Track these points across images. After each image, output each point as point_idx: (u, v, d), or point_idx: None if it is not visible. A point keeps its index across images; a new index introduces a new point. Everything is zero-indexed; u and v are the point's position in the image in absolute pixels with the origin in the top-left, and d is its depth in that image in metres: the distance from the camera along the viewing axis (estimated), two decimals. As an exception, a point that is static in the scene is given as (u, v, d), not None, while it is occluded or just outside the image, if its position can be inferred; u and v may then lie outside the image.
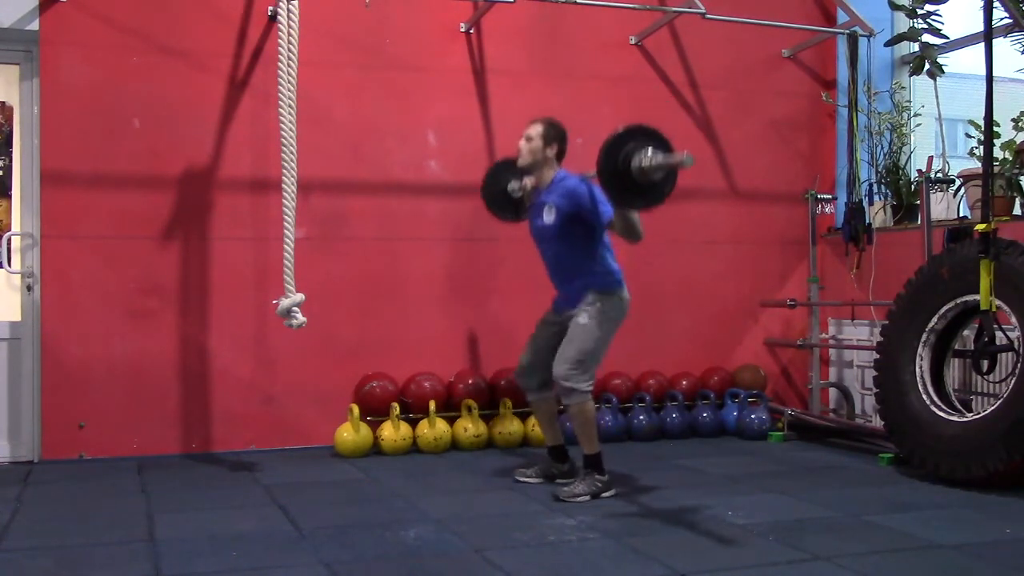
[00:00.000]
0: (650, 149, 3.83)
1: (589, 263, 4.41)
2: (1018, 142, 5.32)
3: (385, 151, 5.76)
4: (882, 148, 6.22)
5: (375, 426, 5.48)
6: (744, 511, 4.06)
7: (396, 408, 5.44)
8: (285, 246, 4.75)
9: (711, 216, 6.42)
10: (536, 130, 4.50)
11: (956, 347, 4.97)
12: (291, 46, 4.73)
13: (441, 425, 5.51)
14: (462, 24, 5.90)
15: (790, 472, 4.99)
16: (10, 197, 5.35)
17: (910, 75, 6.24)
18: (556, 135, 4.51)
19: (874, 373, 5.22)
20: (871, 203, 6.18)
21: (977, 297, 4.59)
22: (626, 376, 6.05)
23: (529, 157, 4.52)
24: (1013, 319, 4.55)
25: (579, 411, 4.33)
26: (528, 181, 4.66)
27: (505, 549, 3.51)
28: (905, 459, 4.91)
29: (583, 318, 4.35)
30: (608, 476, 4.39)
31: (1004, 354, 4.72)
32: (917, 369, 4.92)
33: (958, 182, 5.66)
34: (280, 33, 4.75)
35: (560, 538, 3.67)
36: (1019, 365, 4.43)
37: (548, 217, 4.44)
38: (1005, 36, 5.36)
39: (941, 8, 5.99)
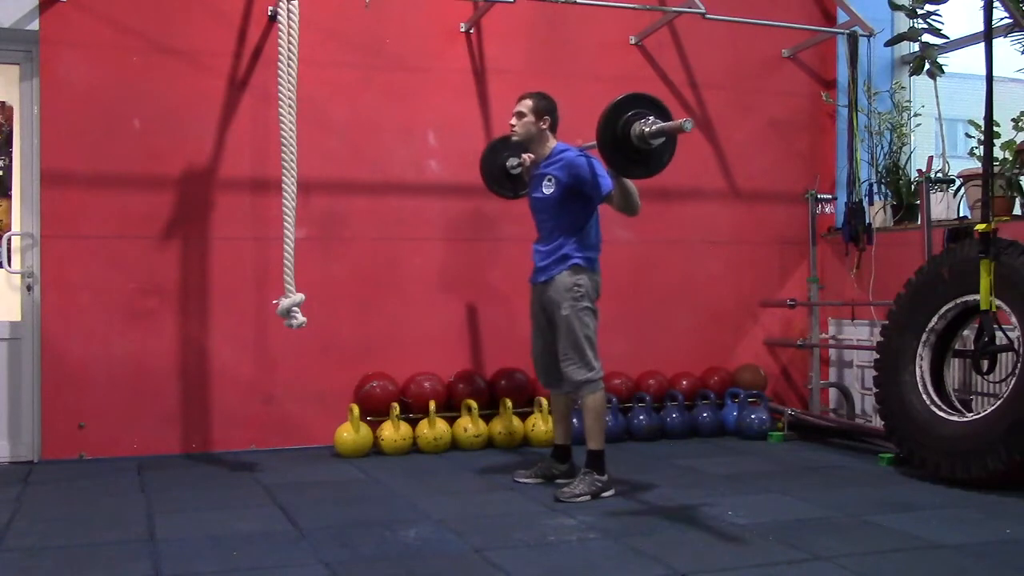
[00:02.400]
0: (650, 116, 3.85)
1: (575, 238, 4.43)
2: (1018, 142, 5.31)
3: (385, 151, 5.76)
4: (882, 148, 6.22)
5: (375, 426, 5.48)
6: (744, 511, 4.06)
7: (396, 408, 5.44)
8: (285, 246, 4.74)
9: (711, 216, 6.42)
10: (526, 104, 4.53)
11: (956, 347, 4.97)
12: (291, 46, 4.73)
13: (441, 425, 5.51)
14: (462, 24, 5.90)
15: (790, 472, 4.99)
16: (10, 197, 5.35)
17: (910, 75, 6.24)
18: (547, 107, 4.54)
19: (874, 373, 5.22)
20: (871, 203, 6.17)
21: (977, 297, 4.59)
22: (626, 376, 6.05)
23: (523, 132, 4.55)
24: (1013, 319, 4.54)
25: (591, 401, 4.36)
26: (527, 157, 4.68)
27: (505, 549, 3.51)
28: (905, 459, 4.91)
29: (564, 308, 4.37)
30: (608, 476, 4.39)
31: (1004, 354, 4.72)
32: (917, 369, 4.92)
33: (958, 182, 5.66)
34: (280, 33, 4.75)
35: (560, 538, 3.67)
36: (1019, 365, 4.43)
37: (547, 188, 4.47)
38: (1005, 36, 5.36)
39: (941, 8, 5.99)
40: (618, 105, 3.95)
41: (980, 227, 4.56)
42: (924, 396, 4.86)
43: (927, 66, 6.02)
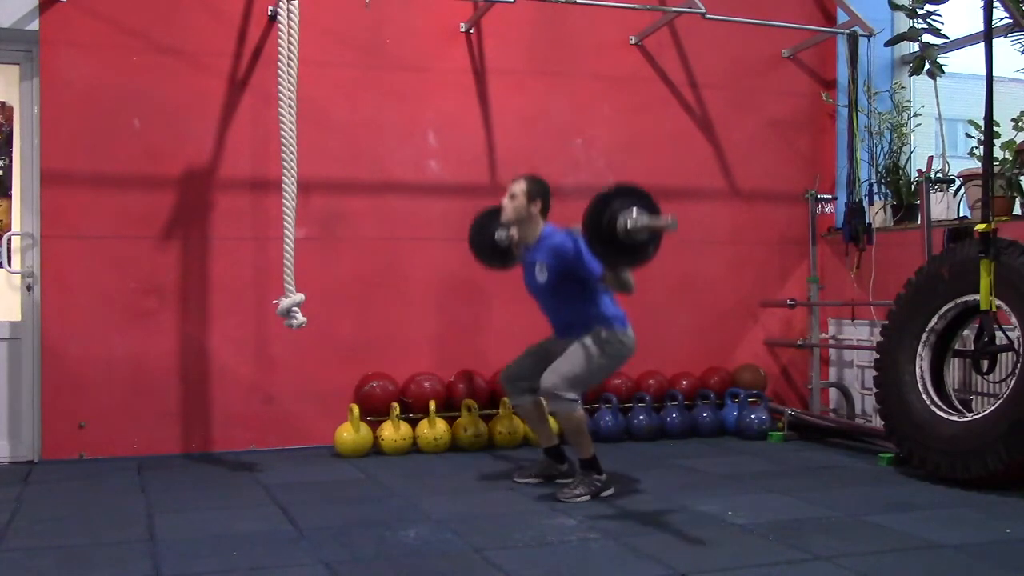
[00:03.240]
0: (635, 210, 3.84)
1: (589, 311, 4.40)
2: (1018, 142, 5.32)
3: (385, 151, 5.76)
4: (882, 148, 6.22)
5: (375, 426, 5.48)
6: (744, 511, 4.06)
7: (396, 408, 5.44)
8: (285, 246, 4.75)
9: (711, 216, 6.42)
10: (519, 187, 4.51)
11: (956, 347, 4.97)
12: (291, 46, 4.73)
13: (441, 425, 5.51)
14: (462, 24, 5.90)
15: (790, 472, 4.99)
16: (10, 197, 5.35)
17: (910, 75, 6.24)
18: (539, 191, 4.52)
19: (874, 373, 5.22)
20: (871, 203, 6.18)
21: (977, 297, 4.59)
22: (626, 376, 6.05)
23: (513, 215, 4.54)
24: (1013, 319, 4.54)
25: (567, 418, 4.31)
26: (514, 231, 4.67)
27: (505, 549, 3.51)
28: (905, 459, 4.91)
29: (587, 340, 4.34)
30: (606, 474, 4.39)
31: (1004, 354, 4.72)
32: (917, 369, 4.92)
33: (958, 182, 5.66)
34: (280, 33, 4.75)
35: (560, 538, 3.67)
36: (1019, 365, 4.43)
37: (540, 276, 4.47)
38: (1005, 36, 5.36)
39: (941, 8, 5.99)
40: (605, 197, 3.91)
41: (980, 227, 4.56)
42: (924, 396, 4.85)
43: (927, 66, 6.02)
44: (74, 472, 4.92)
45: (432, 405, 5.49)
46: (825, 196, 6.41)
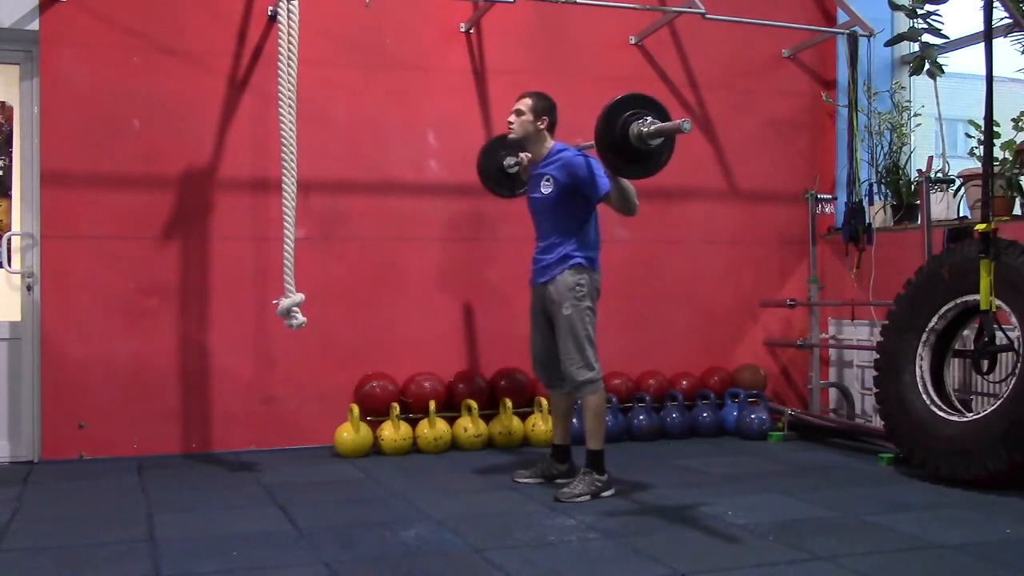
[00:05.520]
0: (648, 117, 3.86)
1: (575, 238, 4.43)
2: (1018, 142, 5.32)
3: (385, 151, 5.77)
4: (882, 148, 6.22)
5: (375, 426, 5.48)
6: (744, 511, 4.06)
7: (396, 408, 5.44)
8: (285, 246, 4.75)
9: (711, 216, 6.42)
10: (525, 103, 4.52)
11: (956, 347, 4.97)
12: (291, 46, 4.73)
13: (441, 425, 5.51)
14: (462, 24, 5.90)
15: (790, 472, 4.99)
16: (10, 197, 5.35)
17: (910, 75, 6.24)
18: (545, 107, 4.54)
19: (874, 373, 5.22)
20: (871, 203, 6.18)
21: (977, 297, 4.59)
22: (626, 376, 6.05)
23: (520, 130, 4.54)
24: (1013, 319, 4.54)
25: (592, 402, 4.37)
26: (524, 156, 4.68)
27: (505, 549, 3.52)
28: (905, 459, 4.91)
29: (566, 308, 4.37)
30: (607, 475, 4.40)
31: (1004, 354, 4.72)
32: (917, 369, 4.92)
33: (958, 182, 5.66)
34: (280, 33, 4.75)
35: (560, 538, 3.67)
36: (1019, 365, 4.43)
37: (545, 188, 4.47)
38: (1005, 36, 5.36)
39: (941, 8, 5.99)
40: (616, 105, 3.95)
41: (980, 227, 4.56)
42: (924, 396, 4.85)
43: (927, 66, 6.02)
44: (74, 472, 4.92)
45: (432, 405, 5.49)
46: (825, 196, 6.41)
